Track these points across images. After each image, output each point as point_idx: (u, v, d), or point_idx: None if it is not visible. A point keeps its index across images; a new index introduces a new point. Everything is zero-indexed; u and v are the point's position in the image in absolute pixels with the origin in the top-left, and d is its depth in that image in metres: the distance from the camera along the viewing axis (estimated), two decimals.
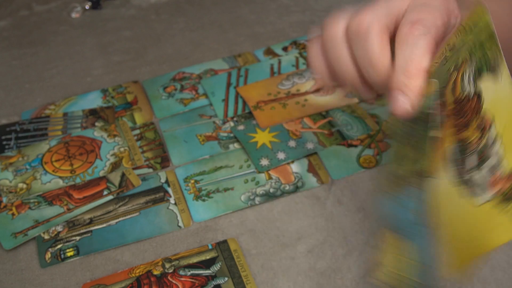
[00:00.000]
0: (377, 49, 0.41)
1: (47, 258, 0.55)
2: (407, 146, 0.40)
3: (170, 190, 0.60)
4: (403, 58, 0.39)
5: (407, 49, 0.39)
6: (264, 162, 0.62)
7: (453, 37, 0.38)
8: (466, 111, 0.36)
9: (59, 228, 0.57)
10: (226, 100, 0.69)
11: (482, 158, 0.35)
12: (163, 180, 0.61)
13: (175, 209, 0.58)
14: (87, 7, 0.87)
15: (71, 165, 0.63)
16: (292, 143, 0.63)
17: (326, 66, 0.45)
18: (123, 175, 0.62)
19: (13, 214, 0.58)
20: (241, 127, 0.66)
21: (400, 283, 0.42)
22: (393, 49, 0.40)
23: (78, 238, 0.56)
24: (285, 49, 0.76)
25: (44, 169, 0.62)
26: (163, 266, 0.53)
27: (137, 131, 0.67)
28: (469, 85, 0.36)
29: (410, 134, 0.40)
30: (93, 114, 0.69)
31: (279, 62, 0.74)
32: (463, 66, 0.36)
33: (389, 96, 0.39)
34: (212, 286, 0.51)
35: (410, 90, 0.39)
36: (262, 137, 0.64)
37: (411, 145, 0.40)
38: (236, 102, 0.69)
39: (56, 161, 0.63)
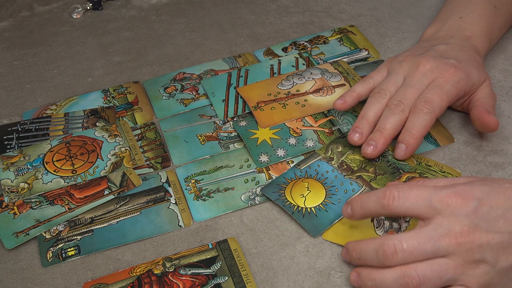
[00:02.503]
0: (397, 128, 0.59)
1: (48, 258, 0.55)
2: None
3: (170, 189, 0.60)
4: (411, 123, 0.58)
5: (415, 119, 0.58)
6: (264, 158, 0.62)
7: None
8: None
9: (60, 228, 0.57)
10: (226, 100, 0.69)
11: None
12: (163, 180, 0.61)
13: (175, 208, 0.59)
14: (88, 7, 0.87)
15: (72, 165, 0.63)
16: (292, 141, 0.64)
17: (354, 102, 0.64)
18: (124, 174, 0.62)
19: (14, 214, 0.58)
20: (243, 123, 0.66)
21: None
22: None
23: (79, 237, 0.57)
24: (285, 49, 0.77)
25: (46, 169, 0.63)
26: (163, 265, 0.53)
27: (138, 131, 0.67)
28: None
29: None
30: (94, 114, 0.69)
31: (279, 63, 0.74)
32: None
33: (396, 145, 0.60)
34: (213, 285, 0.52)
35: (410, 145, 0.58)
36: (263, 134, 0.64)
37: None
38: (236, 102, 0.69)
39: (57, 161, 0.64)
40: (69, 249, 0.56)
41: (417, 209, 0.47)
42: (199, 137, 0.66)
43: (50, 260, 0.55)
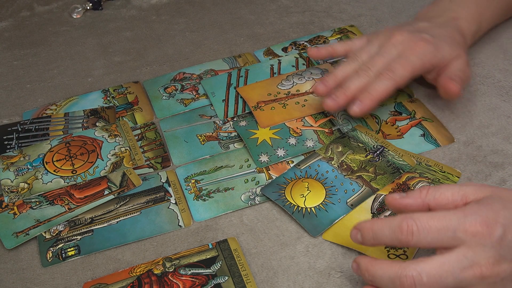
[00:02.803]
0: (359, 90, 0.62)
1: (48, 258, 0.55)
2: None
3: (170, 189, 0.60)
4: (371, 85, 0.61)
5: (376, 82, 0.61)
6: (264, 158, 0.62)
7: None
8: None
9: (60, 228, 0.57)
10: (226, 100, 0.69)
11: None
12: (163, 180, 0.61)
13: (175, 208, 0.59)
14: (88, 7, 0.87)
15: (72, 165, 0.63)
16: (292, 141, 0.64)
17: (327, 55, 0.68)
18: (124, 174, 0.62)
19: (14, 214, 0.58)
20: (243, 123, 0.66)
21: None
22: None
23: (79, 237, 0.57)
24: (285, 49, 0.77)
25: (46, 169, 0.63)
26: (163, 265, 0.53)
27: (138, 131, 0.67)
28: None
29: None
30: (94, 114, 0.69)
31: (279, 63, 0.74)
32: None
33: (352, 102, 0.62)
34: (213, 285, 0.52)
35: (364, 103, 0.61)
36: (263, 134, 0.64)
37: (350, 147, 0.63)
38: (236, 102, 0.69)
39: (57, 161, 0.64)
40: (69, 249, 0.56)
41: (437, 242, 0.44)
42: (199, 137, 0.66)
43: (50, 260, 0.55)
